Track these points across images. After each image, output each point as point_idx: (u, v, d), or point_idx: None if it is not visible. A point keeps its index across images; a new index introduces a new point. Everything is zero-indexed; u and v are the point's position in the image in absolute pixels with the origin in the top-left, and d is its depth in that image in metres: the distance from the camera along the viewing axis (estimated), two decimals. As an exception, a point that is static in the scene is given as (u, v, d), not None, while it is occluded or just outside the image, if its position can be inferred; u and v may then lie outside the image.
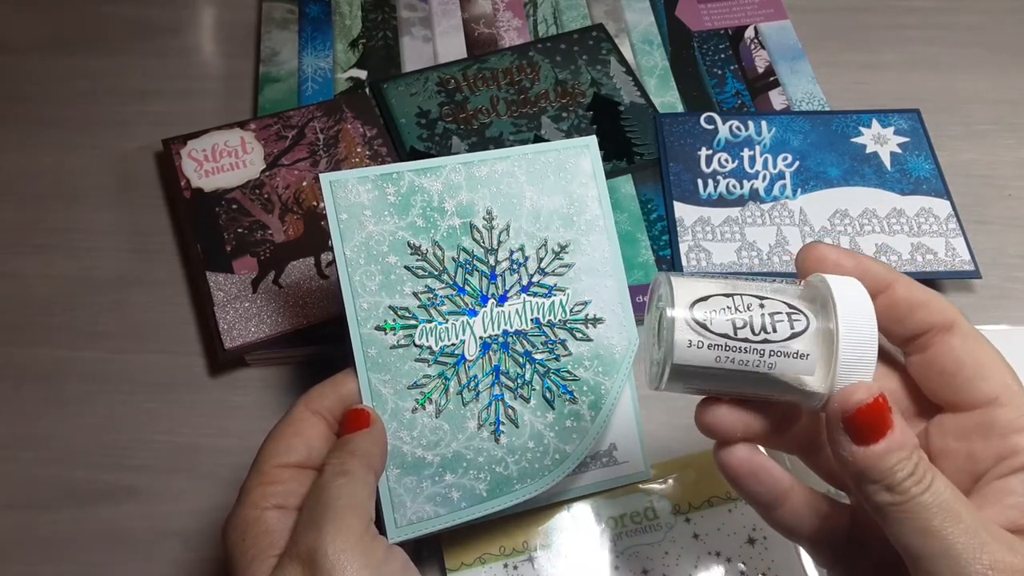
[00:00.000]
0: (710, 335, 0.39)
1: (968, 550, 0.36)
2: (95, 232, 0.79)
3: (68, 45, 0.93)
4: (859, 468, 0.38)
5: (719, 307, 0.40)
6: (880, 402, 0.38)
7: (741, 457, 0.44)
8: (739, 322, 0.39)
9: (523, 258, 0.58)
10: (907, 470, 0.37)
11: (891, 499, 0.37)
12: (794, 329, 0.39)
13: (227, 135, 0.80)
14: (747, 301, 0.40)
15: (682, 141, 0.81)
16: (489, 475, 0.55)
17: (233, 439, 0.68)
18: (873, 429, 0.37)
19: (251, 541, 0.47)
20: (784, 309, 0.40)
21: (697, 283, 0.41)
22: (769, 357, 0.39)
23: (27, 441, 0.68)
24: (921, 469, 0.37)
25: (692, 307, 0.40)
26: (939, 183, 0.78)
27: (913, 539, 0.37)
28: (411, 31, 0.92)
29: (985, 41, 0.93)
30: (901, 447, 0.37)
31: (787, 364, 0.40)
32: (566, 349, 0.57)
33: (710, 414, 0.43)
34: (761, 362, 0.40)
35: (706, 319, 0.39)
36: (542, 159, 0.59)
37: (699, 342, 0.39)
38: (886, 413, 0.38)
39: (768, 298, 0.40)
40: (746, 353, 0.39)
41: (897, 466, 0.37)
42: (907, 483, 0.37)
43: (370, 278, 0.55)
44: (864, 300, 0.40)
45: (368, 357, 0.54)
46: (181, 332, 0.73)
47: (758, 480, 0.44)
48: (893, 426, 0.37)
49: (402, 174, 0.57)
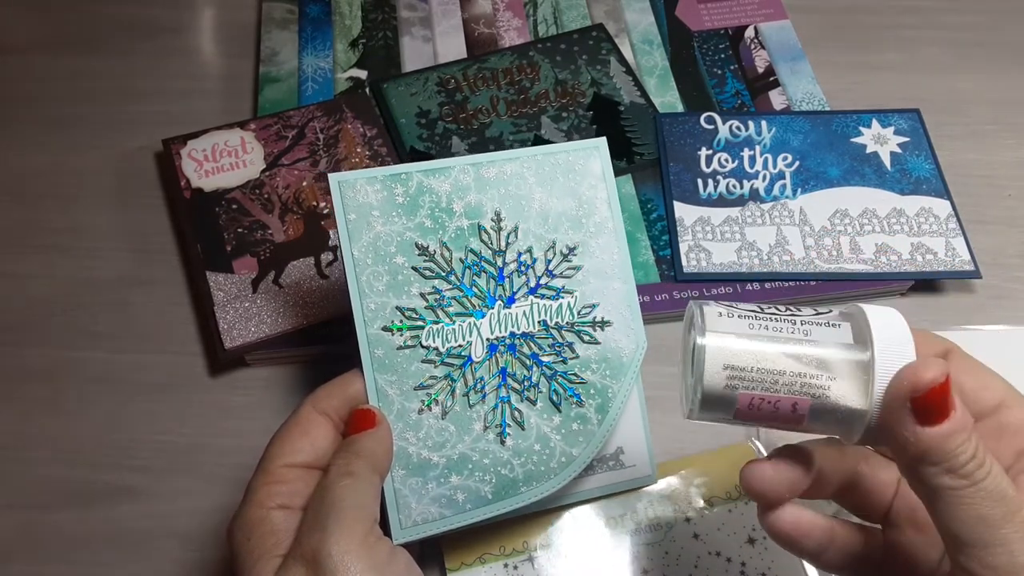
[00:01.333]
0: (737, 315, 0.41)
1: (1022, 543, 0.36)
2: (95, 232, 0.79)
3: (69, 45, 0.92)
4: (922, 449, 0.37)
5: (747, 309, 0.41)
6: (948, 382, 0.37)
7: (789, 520, 0.45)
8: (766, 305, 0.42)
9: (531, 260, 0.57)
10: (969, 452, 0.37)
11: (951, 483, 0.37)
12: (818, 311, 0.41)
13: (227, 135, 0.80)
14: (774, 310, 0.41)
15: (682, 141, 0.81)
16: (495, 477, 0.55)
17: (233, 439, 0.68)
18: (940, 409, 0.37)
19: (256, 541, 0.47)
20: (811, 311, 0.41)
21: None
22: (801, 330, 0.41)
23: (27, 441, 0.68)
24: (981, 453, 0.37)
25: (720, 312, 0.41)
26: (939, 183, 0.78)
27: (967, 526, 0.37)
28: (411, 31, 0.91)
29: (985, 41, 0.93)
30: (964, 428, 0.37)
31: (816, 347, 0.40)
32: (573, 352, 0.57)
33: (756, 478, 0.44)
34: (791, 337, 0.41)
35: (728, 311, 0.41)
36: (552, 160, 0.59)
37: (727, 324, 0.41)
38: (951, 394, 0.37)
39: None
40: (775, 324, 0.41)
41: (960, 448, 0.37)
42: (969, 466, 0.37)
43: (377, 278, 0.55)
44: (899, 321, 0.40)
45: (375, 358, 0.54)
46: (181, 332, 0.73)
47: (810, 537, 0.45)
48: (956, 407, 0.37)
49: (411, 175, 0.57)
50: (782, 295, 0.73)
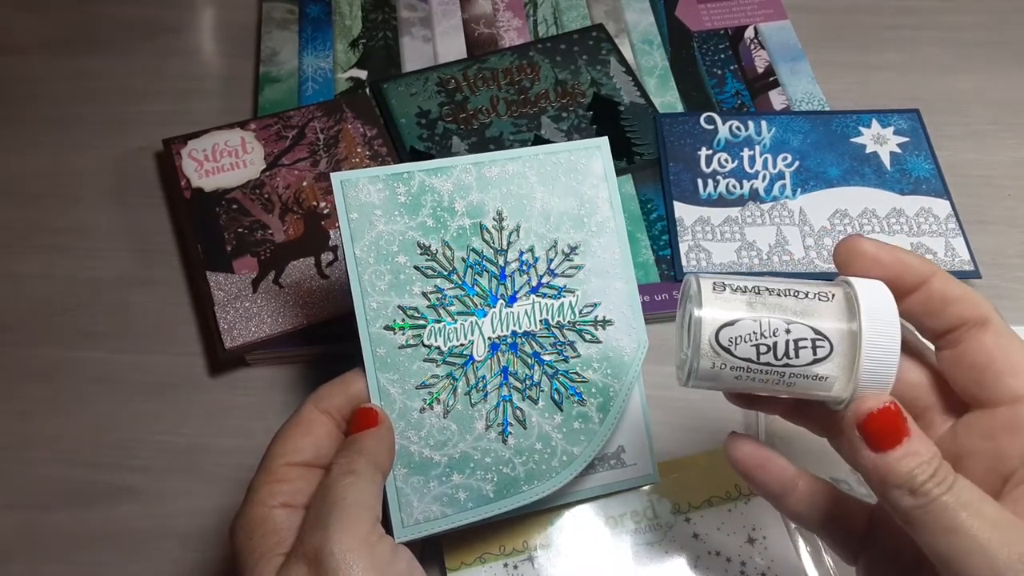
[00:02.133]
0: (732, 359, 0.41)
1: (996, 544, 0.36)
2: (95, 232, 0.79)
3: (68, 45, 0.92)
4: (880, 474, 0.38)
5: (745, 332, 0.41)
6: (892, 409, 0.39)
7: (747, 451, 0.48)
8: (763, 348, 0.41)
9: (533, 259, 0.57)
10: (928, 472, 0.37)
11: (914, 502, 0.37)
12: (816, 356, 0.41)
13: (227, 135, 0.79)
14: (774, 326, 0.41)
15: (682, 141, 0.81)
16: (496, 476, 0.55)
17: (233, 439, 0.68)
18: (888, 435, 0.38)
19: (258, 540, 0.47)
20: (810, 335, 0.41)
21: (725, 300, 0.42)
22: (789, 378, 0.41)
23: (27, 441, 0.68)
24: (942, 472, 0.38)
25: (718, 332, 0.41)
26: (939, 183, 0.78)
27: (941, 540, 0.37)
28: (411, 31, 0.91)
29: (985, 41, 0.93)
30: (918, 453, 0.38)
31: (806, 384, 0.41)
32: (575, 351, 0.57)
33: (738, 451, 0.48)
34: (780, 381, 0.41)
35: (730, 345, 0.41)
36: (553, 160, 0.59)
37: (721, 364, 0.41)
38: (900, 420, 0.39)
39: (795, 322, 0.41)
40: (766, 375, 0.41)
41: (917, 469, 0.37)
42: (928, 485, 0.37)
43: (379, 278, 0.55)
44: (889, 309, 0.41)
45: (377, 356, 0.54)
46: (181, 332, 0.73)
47: (765, 471, 0.47)
48: (910, 434, 0.38)
49: (413, 174, 0.57)
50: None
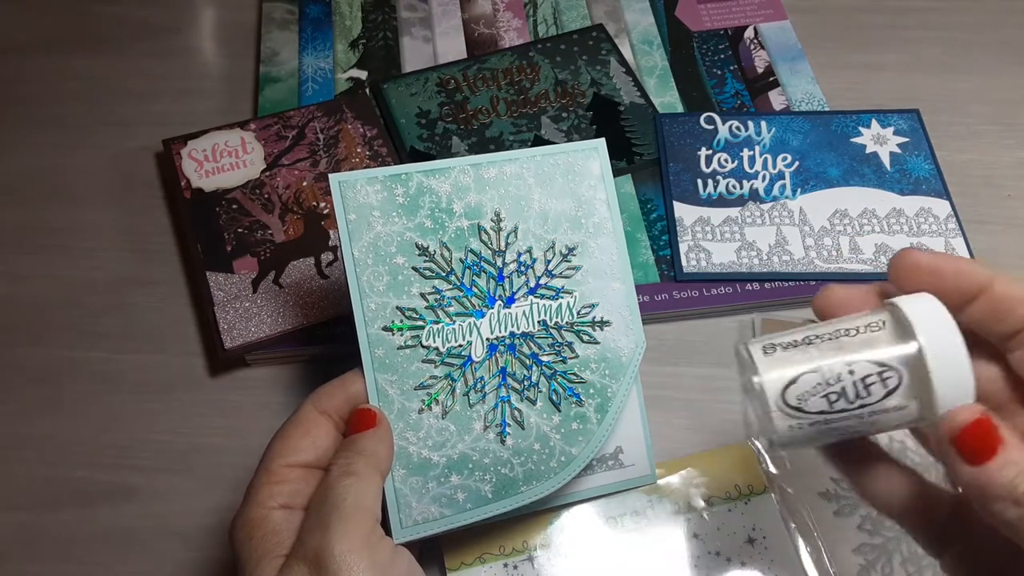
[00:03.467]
0: (807, 415, 0.40)
1: None
2: (95, 232, 0.79)
3: (68, 45, 0.93)
4: (981, 488, 0.37)
5: (810, 386, 0.40)
6: (985, 420, 0.37)
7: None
8: (833, 396, 0.39)
9: (531, 260, 0.57)
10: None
11: (1020, 512, 0.36)
12: (888, 388, 0.39)
13: (227, 135, 0.80)
14: (836, 371, 0.40)
15: (682, 141, 0.81)
16: (495, 477, 0.55)
17: (233, 439, 0.68)
18: (984, 447, 0.37)
19: (258, 541, 0.47)
20: (874, 370, 0.39)
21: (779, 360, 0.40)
22: (869, 417, 0.40)
23: (27, 441, 0.68)
24: None
25: (784, 393, 0.40)
26: (939, 183, 0.78)
27: None
28: (411, 31, 0.91)
29: (985, 41, 0.93)
30: (1017, 462, 0.37)
31: (889, 418, 0.40)
32: (573, 351, 0.57)
33: None
34: (862, 423, 0.40)
35: (800, 403, 0.40)
36: (551, 161, 0.59)
37: (798, 424, 0.40)
38: (993, 430, 0.37)
39: (856, 360, 0.40)
40: (846, 420, 0.40)
41: (1018, 478, 0.36)
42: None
43: (378, 278, 0.55)
44: (943, 318, 0.39)
45: (375, 357, 0.54)
46: (181, 332, 0.73)
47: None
48: (1004, 441, 0.37)
49: (411, 175, 0.57)
50: (782, 295, 0.73)
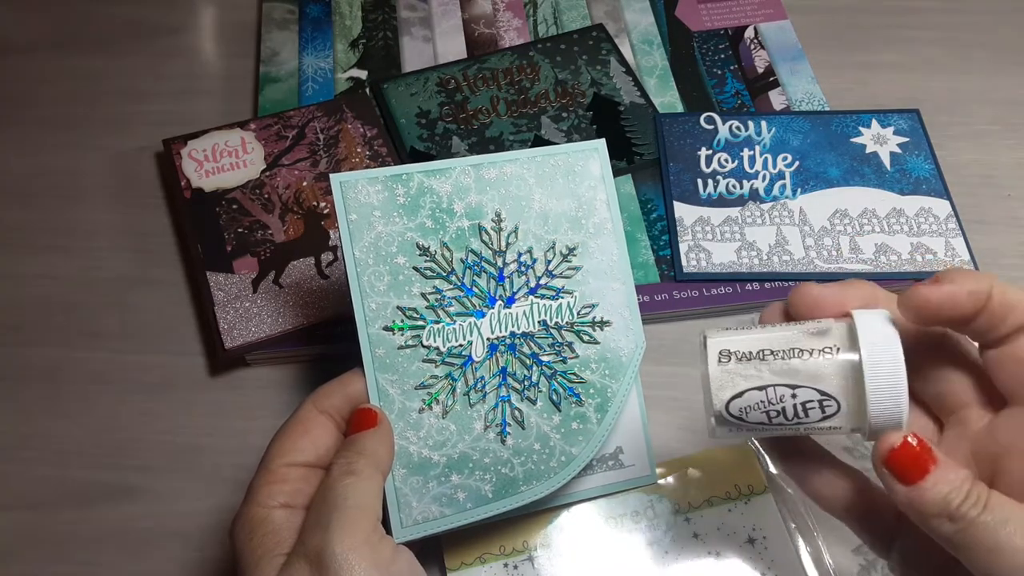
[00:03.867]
0: (746, 423, 0.43)
1: None
2: (95, 232, 0.79)
3: (68, 45, 0.92)
4: (916, 506, 0.39)
5: (753, 402, 0.43)
6: (909, 443, 0.39)
7: None
8: (773, 413, 0.43)
9: (531, 260, 0.57)
10: (961, 495, 0.38)
11: (954, 527, 0.38)
12: (825, 413, 0.42)
13: (227, 135, 0.80)
14: (779, 393, 0.42)
15: (682, 141, 0.81)
16: (495, 476, 0.55)
17: (233, 439, 0.68)
18: (915, 467, 0.39)
19: (258, 540, 0.47)
20: (816, 397, 0.42)
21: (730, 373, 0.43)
22: (805, 430, 0.43)
23: (27, 441, 0.68)
24: (975, 492, 0.38)
25: (728, 405, 0.43)
26: (939, 183, 0.78)
27: (986, 560, 0.37)
28: (411, 31, 0.91)
29: (985, 41, 0.93)
30: (946, 479, 0.38)
31: (823, 433, 0.44)
32: (573, 352, 0.57)
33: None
34: (798, 432, 0.44)
35: (741, 414, 0.43)
36: (551, 162, 0.59)
37: (738, 428, 0.44)
38: (923, 451, 0.39)
39: (800, 386, 0.42)
40: (782, 430, 0.43)
41: (951, 494, 0.38)
42: (963, 507, 0.37)
43: (379, 278, 0.55)
44: (889, 343, 0.41)
45: (376, 357, 0.54)
46: (181, 332, 0.73)
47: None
48: (937, 460, 0.39)
49: (411, 175, 0.57)
50: (782, 295, 0.72)
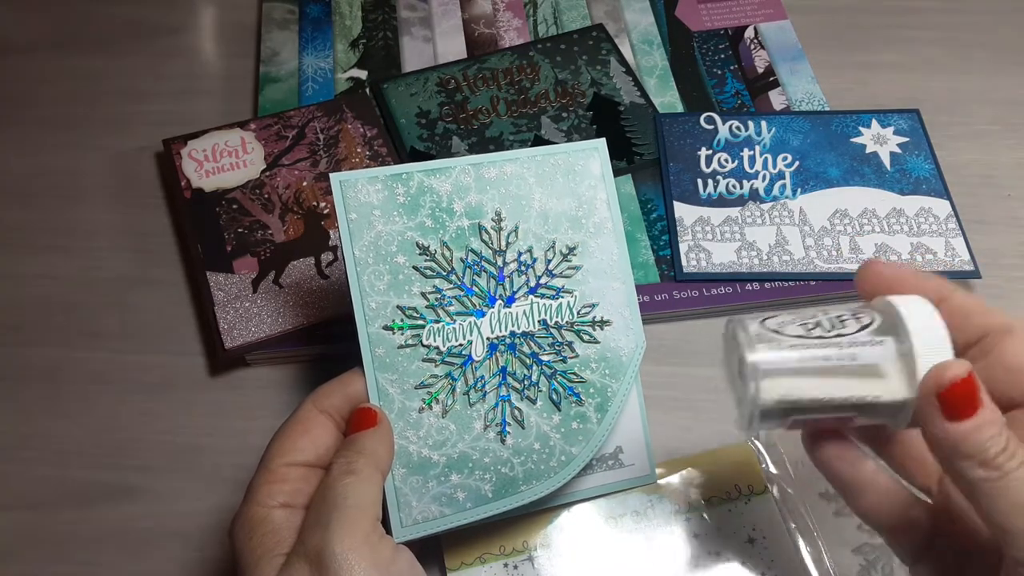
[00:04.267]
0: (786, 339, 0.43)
1: None
2: (95, 232, 0.79)
3: (68, 45, 0.92)
4: (952, 444, 0.38)
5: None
6: (972, 378, 0.39)
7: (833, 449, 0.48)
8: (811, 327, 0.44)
9: (531, 260, 0.57)
10: (1000, 445, 0.38)
11: (985, 474, 0.38)
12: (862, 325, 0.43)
13: (227, 135, 0.80)
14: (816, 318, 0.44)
15: (682, 141, 0.81)
16: (495, 476, 0.55)
17: (233, 439, 0.68)
18: (966, 404, 0.38)
19: (258, 540, 0.47)
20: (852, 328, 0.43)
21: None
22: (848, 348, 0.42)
23: (27, 441, 0.68)
24: (1013, 444, 0.38)
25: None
26: (939, 183, 0.78)
27: (1008, 515, 0.37)
28: (411, 31, 0.91)
29: (985, 41, 0.93)
30: (992, 423, 0.38)
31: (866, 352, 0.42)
32: (573, 351, 0.57)
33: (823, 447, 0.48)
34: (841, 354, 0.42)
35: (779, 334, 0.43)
36: (551, 161, 0.59)
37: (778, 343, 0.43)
38: (977, 390, 0.38)
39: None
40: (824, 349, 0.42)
41: (990, 441, 0.38)
42: (1001, 458, 0.37)
43: (378, 278, 0.55)
44: (931, 310, 0.42)
45: (376, 356, 0.54)
46: (181, 332, 0.73)
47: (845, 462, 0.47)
48: (983, 403, 0.38)
49: (411, 175, 0.57)
50: (782, 295, 0.73)
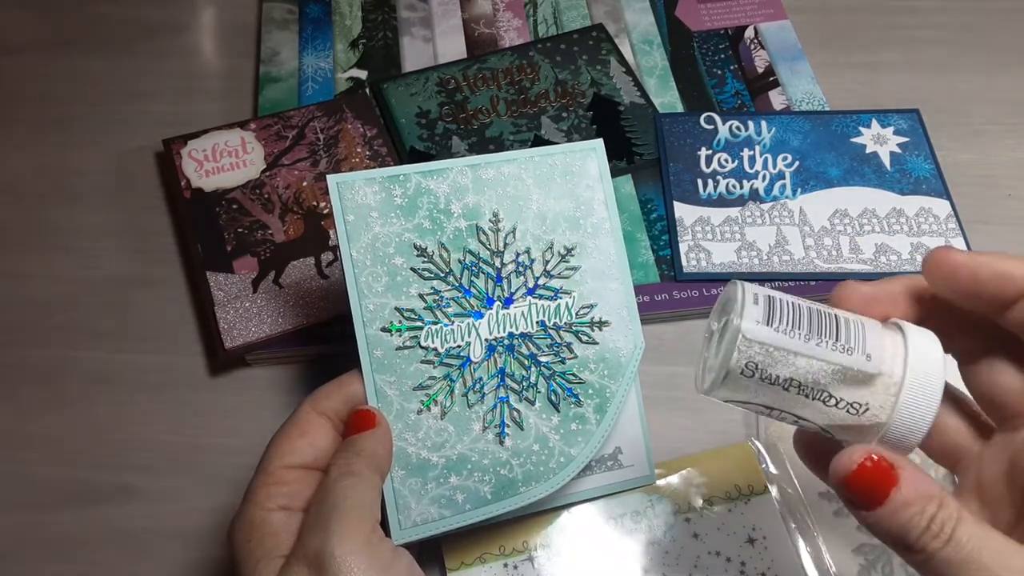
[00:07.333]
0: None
1: None
2: (95, 232, 0.79)
3: (68, 45, 0.93)
4: (873, 530, 0.37)
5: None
6: (868, 466, 0.37)
7: None
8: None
9: (529, 260, 0.57)
10: (922, 525, 0.35)
11: (912, 558, 0.36)
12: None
13: (227, 135, 0.80)
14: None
15: (682, 141, 0.81)
16: (494, 477, 0.55)
17: (233, 439, 0.68)
18: (874, 492, 0.36)
19: (257, 542, 0.47)
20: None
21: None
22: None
23: (27, 441, 0.68)
24: (939, 521, 0.35)
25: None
26: (939, 183, 0.78)
27: None
28: (411, 31, 0.91)
29: (985, 41, 0.93)
30: (909, 503, 0.36)
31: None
32: (571, 352, 0.57)
33: None
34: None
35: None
36: (549, 162, 0.59)
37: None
38: (885, 472, 0.36)
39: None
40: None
41: (910, 523, 0.36)
42: (923, 539, 0.35)
43: (376, 279, 0.55)
44: (936, 357, 0.38)
45: (374, 358, 0.54)
46: (181, 332, 0.73)
47: None
48: (898, 482, 0.36)
49: (409, 176, 0.57)
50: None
